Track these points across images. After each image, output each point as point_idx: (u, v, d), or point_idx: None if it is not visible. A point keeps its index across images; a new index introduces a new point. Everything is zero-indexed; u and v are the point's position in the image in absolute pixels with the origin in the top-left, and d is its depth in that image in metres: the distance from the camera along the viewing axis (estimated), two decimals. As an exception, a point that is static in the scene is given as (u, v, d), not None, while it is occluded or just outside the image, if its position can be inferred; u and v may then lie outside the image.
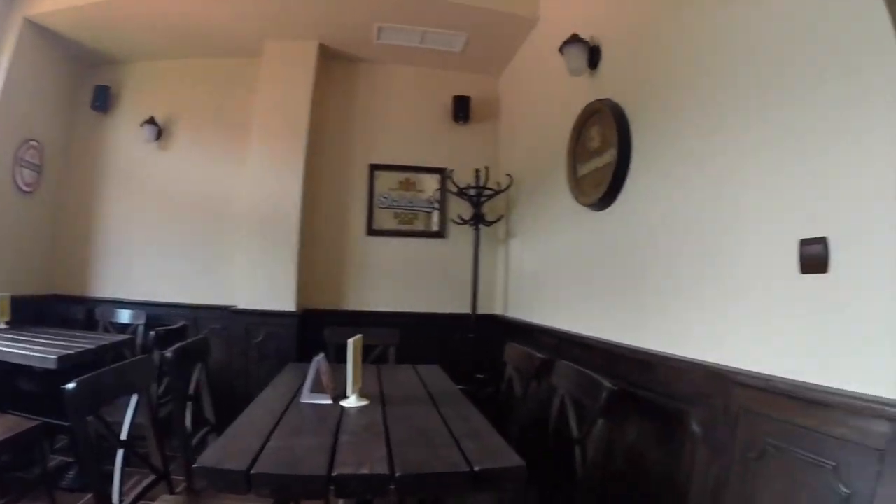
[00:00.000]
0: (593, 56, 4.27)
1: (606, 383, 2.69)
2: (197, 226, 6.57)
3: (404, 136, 6.84)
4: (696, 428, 2.75)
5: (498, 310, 6.64)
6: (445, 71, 6.92)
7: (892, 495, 1.74)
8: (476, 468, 2.01)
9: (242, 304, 6.00)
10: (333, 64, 6.67)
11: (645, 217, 3.57)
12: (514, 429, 3.48)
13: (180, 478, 2.93)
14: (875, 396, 1.85)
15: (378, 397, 3.17)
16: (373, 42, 6.25)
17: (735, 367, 2.55)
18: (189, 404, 3.27)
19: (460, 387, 3.77)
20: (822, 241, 2.17)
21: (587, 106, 4.28)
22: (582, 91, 4.41)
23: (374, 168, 6.73)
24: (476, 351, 6.05)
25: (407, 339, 4.96)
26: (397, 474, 1.93)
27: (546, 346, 4.60)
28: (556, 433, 3.20)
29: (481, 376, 5.85)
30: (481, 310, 6.38)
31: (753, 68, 2.65)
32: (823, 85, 2.21)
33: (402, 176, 6.77)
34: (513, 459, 2.16)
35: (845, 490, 1.89)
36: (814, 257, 2.19)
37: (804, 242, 2.25)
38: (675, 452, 2.90)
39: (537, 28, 5.66)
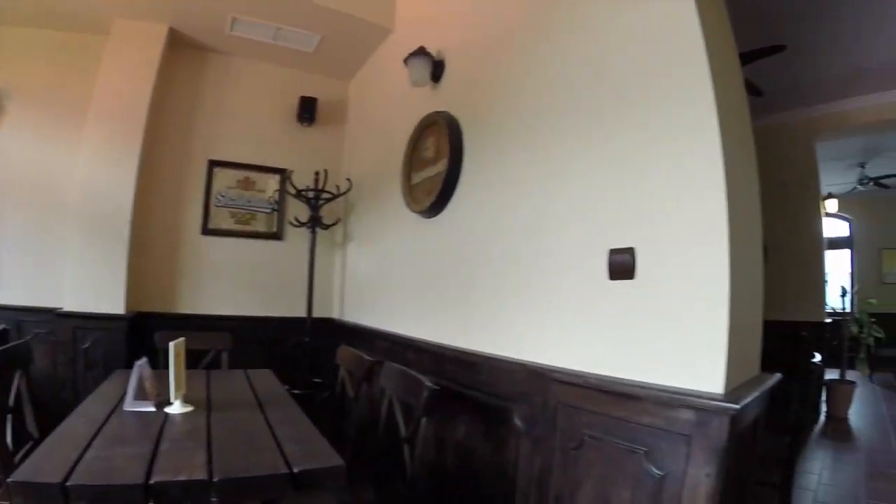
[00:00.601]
0: (437, 69, 4.40)
1: (427, 383, 2.78)
2: (23, 216, 5.71)
3: (248, 133, 6.49)
4: (519, 423, 2.93)
5: (335, 313, 6.58)
6: (296, 70, 6.71)
7: (699, 474, 1.98)
8: (295, 469, 2.01)
9: (69, 307, 5.27)
10: (182, 51, 6.15)
11: (473, 225, 3.76)
12: (349, 431, 3.50)
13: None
14: (679, 388, 2.13)
15: (204, 403, 3.03)
16: (225, 32, 5.93)
17: (553, 366, 2.77)
18: (9, 417, 2.92)
19: (297, 391, 3.73)
20: (629, 251, 2.45)
21: (425, 117, 4.42)
22: (423, 102, 4.55)
23: (214, 164, 6.29)
24: (313, 355, 5.93)
25: (242, 343, 4.77)
26: (216, 479, 1.88)
27: (380, 350, 4.67)
28: (386, 433, 3.26)
29: (319, 380, 5.77)
30: (318, 313, 6.26)
31: (573, 97, 2.95)
32: (635, 121, 2.53)
33: (241, 174, 6.41)
34: (332, 460, 2.17)
35: (658, 472, 2.12)
36: (621, 265, 2.47)
37: (613, 252, 2.53)
38: (501, 447, 3.07)
39: (391, 37, 5.67)
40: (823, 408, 7.43)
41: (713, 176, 2.12)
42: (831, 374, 7.65)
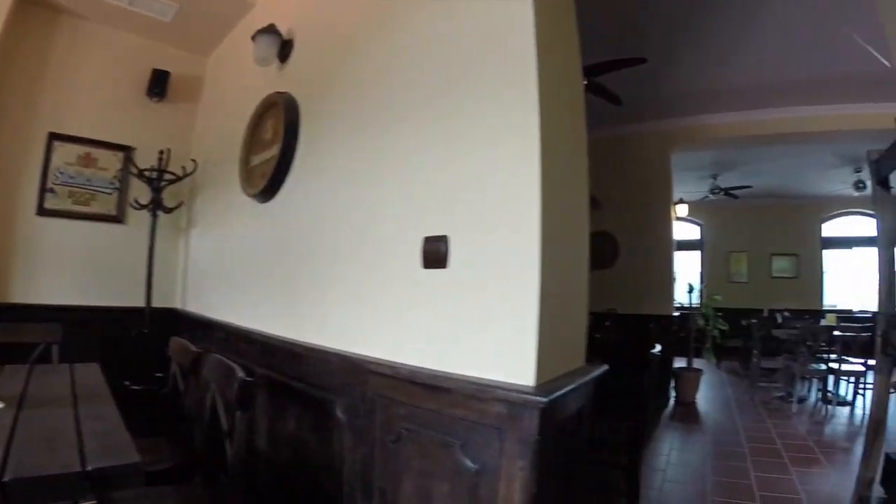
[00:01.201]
0: (285, 49, 4.08)
1: (240, 374, 2.50)
2: None
3: (93, 105, 5.65)
4: (341, 415, 2.74)
5: (177, 303, 6.02)
6: (150, 41, 5.92)
7: (513, 467, 1.86)
8: (89, 468, 1.74)
9: None
10: (32, 10, 5.22)
11: (301, 212, 3.55)
12: (181, 426, 3.21)
13: None
14: (489, 380, 2.00)
15: (16, 400, 2.64)
16: (79, -10, 5.14)
17: (369, 357, 2.61)
18: None
19: (136, 386, 3.33)
20: (443, 239, 2.31)
21: (266, 97, 4.11)
22: (269, 82, 4.22)
23: (54, 137, 5.38)
24: (155, 347, 5.32)
25: (78, 335, 4.14)
26: (6, 479, 1.60)
27: (218, 341, 4.33)
28: (211, 427, 2.95)
29: (160, 375, 5.22)
30: (160, 303, 5.60)
31: (402, 86, 2.80)
32: (457, 111, 2.42)
33: (83, 150, 5.52)
34: (131, 457, 1.89)
35: (473, 465, 1.98)
36: (434, 253, 2.34)
37: (427, 240, 2.38)
38: (328, 439, 2.86)
39: (252, 13, 5.19)
40: (673, 394, 7.68)
41: (529, 170, 2.03)
42: (680, 363, 7.95)
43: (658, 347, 3.79)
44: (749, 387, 8.29)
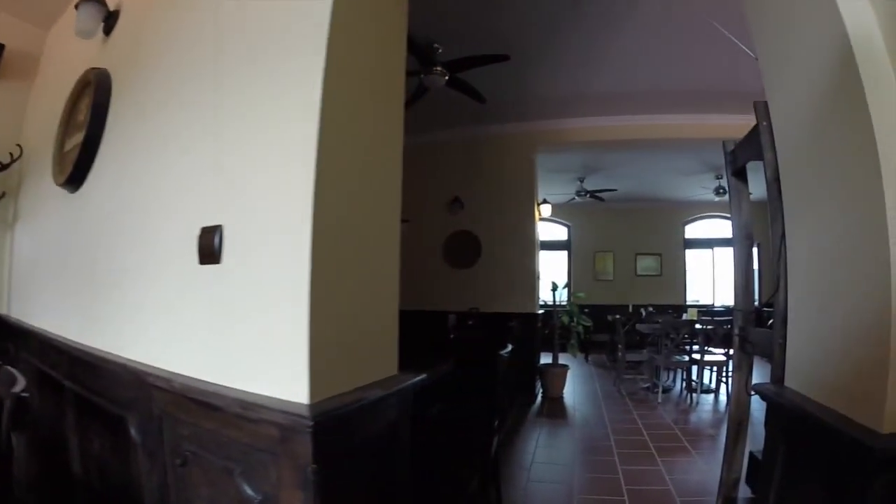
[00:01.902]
0: (110, 20, 3.45)
1: (15, 389, 1.98)
2: None
3: None
4: (135, 435, 2.24)
5: (3, 308, 5.22)
6: None
7: (292, 498, 1.47)
8: None
9: None
10: None
11: (106, 203, 2.99)
12: None
13: None
14: (261, 397, 1.61)
15: None
16: None
17: (151, 367, 2.14)
18: None
19: None
20: (217, 229, 1.89)
21: (84, 74, 3.46)
22: (92, 58, 3.58)
23: None
24: None
25: None
26: None
27: (34, 352, 3.67)
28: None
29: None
30: None
31: (202, 59, 2.32)
32: (247, 90, 1.99)
33: None
34: None
35: (255, 495, 1.57)
36: (208, 246, 1.91)
37: (204, 231, 1.95)
38: (125, 461, 2.35)
39: None
40: (540, 390, 7.53)
41: (305, 152, 1.63)
42: (547, 359, 7.79)
43: (509, 347, 3.47)
44: (616, 379, 8.27)
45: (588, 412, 6.61)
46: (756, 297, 11.19)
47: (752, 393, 2.24)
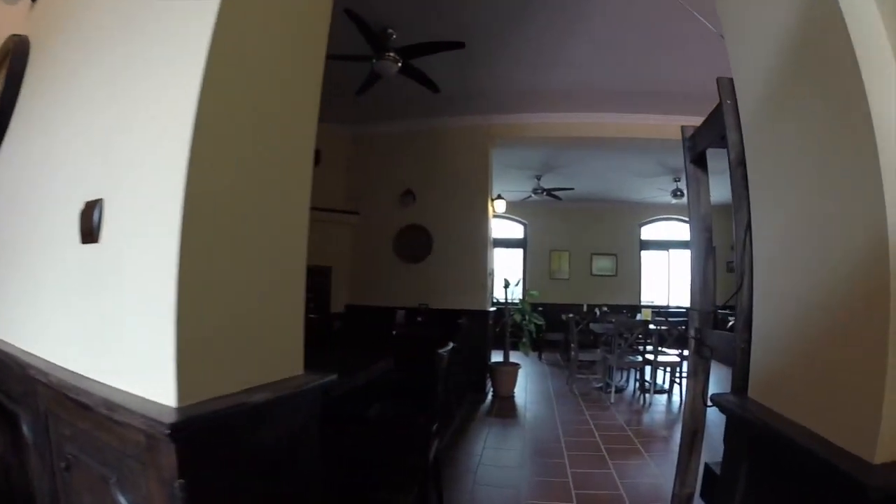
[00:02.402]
0: (37, -18, 3.15)
1: None
2: None
3: None
4: (27, 433, 1.98)
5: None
6: None
7: None
8: None
9: None
10: None
11: (15, 177, 2.68)
12: None
13: None
14: (130, 396, 1.37)
15: None
16: None
17: (35, 357, 1.90)
18: None
19: None
20: (98, 203, 1.64)
21: (5, 41, 3.14)
22: (17, 25, 3.24)
23: None
24: None
25: None
26: None
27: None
28: None
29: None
30: None
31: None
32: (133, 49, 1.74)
33: None
34: None
35: None
36: (88, 223, 1.67)
37: (87, 206, 1.70)
38: (23, 463, 2.07)
39: None
40: (491, 388, 7.38)
41: (183, 111, 1.36)
42: (498, 357, 7.64)
43: (450, 345, 3.26)
44: (569, 378, 8.14)
45: (539, 412, 6.46)
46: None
47: (710, 404, 2.00)
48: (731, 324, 2.09)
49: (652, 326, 7.15)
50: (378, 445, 3.08)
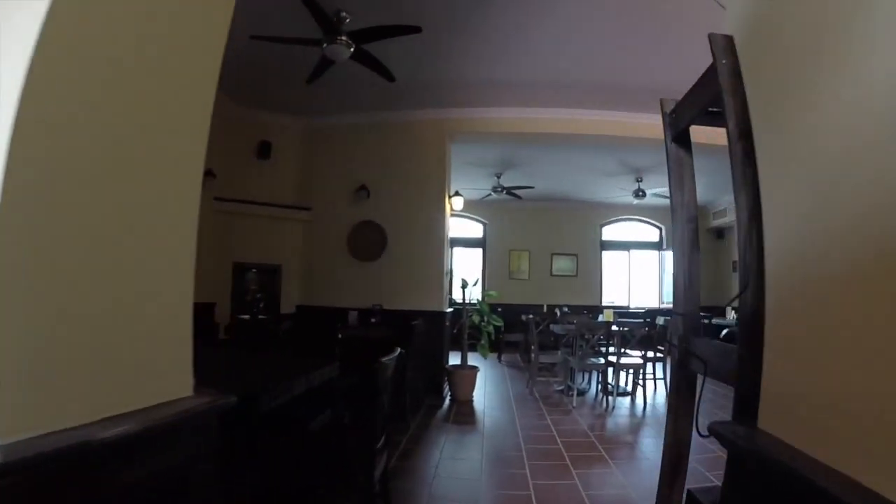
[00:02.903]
0: None
1: None
2: None
3: None
4: None
5: None
6: None
7: None
8: None
9: None
10: None
11: None
12: None
13: None
14: None
15: None
16: None
17: None
18: None
19: None
20: None
21: None
22: None
23: None
24: None
25: None
26: None
27: None
28: None
29: None
30: None
31: None
32: None
33: None
34: None
35: None
36: None
37: None
38: None
39: None
40: (448, 392, 7.07)
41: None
42: (455, 359, 7.36)
43: (397, 351, 2.92)
44: (529, 381, 7.86)
45: (499, 417, 6.17)
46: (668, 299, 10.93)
47: (706, 434, 1.56)
48: (725, 332, 1.75)
49: (615, 328, 6.93)
50: (321, 458, 2.75)
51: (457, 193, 7.83)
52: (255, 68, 6.07)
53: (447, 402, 6.84)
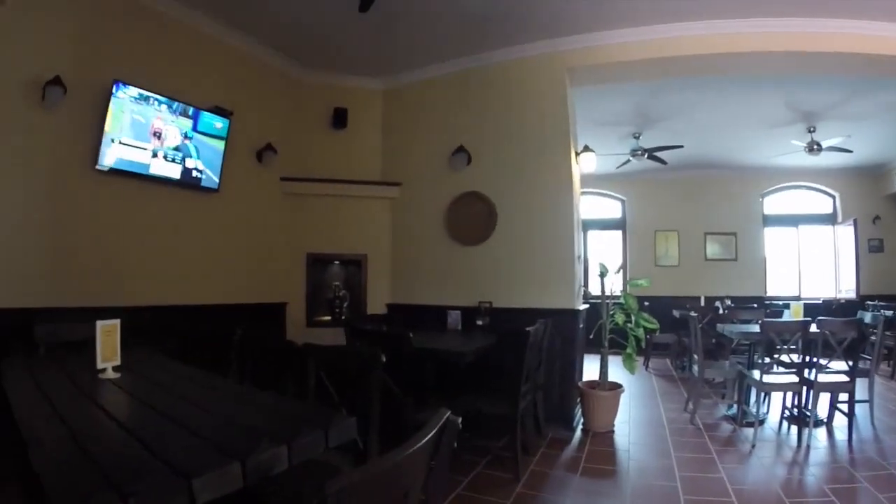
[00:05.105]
0: None
1: None
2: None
3: None
4: None
5: None
6: None
7: None
8: None
9: None
10: None
11: None
12: None
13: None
14: None
15: None
16: None
17: None
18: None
19: None
20: None
21: None
22: None
23: None
24: None
25: None
26: None
27: None
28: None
29: None
30: None
31: None
32: None
33: None
34: None
35: None
36: None
37: None
38: None
39: None
40: (581, 419, 5.26)
41: None
42: (591, 371, 5.55)
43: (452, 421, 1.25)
44: (689, 402, 5.83)
45: (650, 463, 4.26)
46: (855, 286, 8.06)
47: None
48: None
49: (815, 329, 4.71)
50: None
51: (586, 149, 5.84)
52: (322, 24, 5.19)
53: (578, 433, 5.04)
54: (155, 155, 4.59)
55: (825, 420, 5.04)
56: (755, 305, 7.65)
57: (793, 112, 7.34)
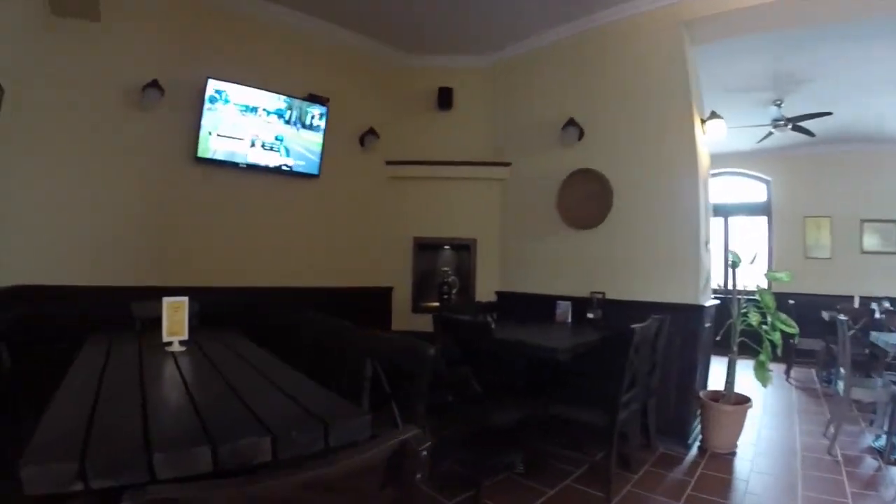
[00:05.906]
0: None
1: None
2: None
3: None
4: None
5: None
6: None
7: None
8: None
9: None
10: None
11: None
12: None
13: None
14: None
15: None
16: None
17: None
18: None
19: None
20: None
21: None
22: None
23: None
24: None
25: None
26: None
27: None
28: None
29: None
30: None
31: None
32: None
33: None
34: None
35: None
36: None
37: None
38: None
39: None
40: (699, 436, 4.54)
41: None
42: (717, 379, 4.82)
43: None
44: (830, 426, 4.82)
45: (768, 499, 3.51)
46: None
47: None
48: None
49: None
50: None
51: (713, 115, 4.96)
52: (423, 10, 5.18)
53: (693, 451, 4.36)
54: (252, 145, 4.85)
55: None
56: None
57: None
